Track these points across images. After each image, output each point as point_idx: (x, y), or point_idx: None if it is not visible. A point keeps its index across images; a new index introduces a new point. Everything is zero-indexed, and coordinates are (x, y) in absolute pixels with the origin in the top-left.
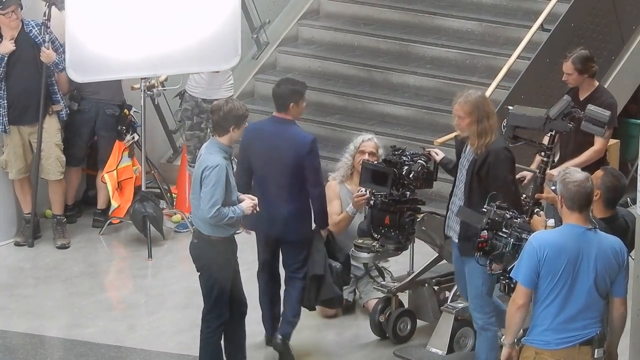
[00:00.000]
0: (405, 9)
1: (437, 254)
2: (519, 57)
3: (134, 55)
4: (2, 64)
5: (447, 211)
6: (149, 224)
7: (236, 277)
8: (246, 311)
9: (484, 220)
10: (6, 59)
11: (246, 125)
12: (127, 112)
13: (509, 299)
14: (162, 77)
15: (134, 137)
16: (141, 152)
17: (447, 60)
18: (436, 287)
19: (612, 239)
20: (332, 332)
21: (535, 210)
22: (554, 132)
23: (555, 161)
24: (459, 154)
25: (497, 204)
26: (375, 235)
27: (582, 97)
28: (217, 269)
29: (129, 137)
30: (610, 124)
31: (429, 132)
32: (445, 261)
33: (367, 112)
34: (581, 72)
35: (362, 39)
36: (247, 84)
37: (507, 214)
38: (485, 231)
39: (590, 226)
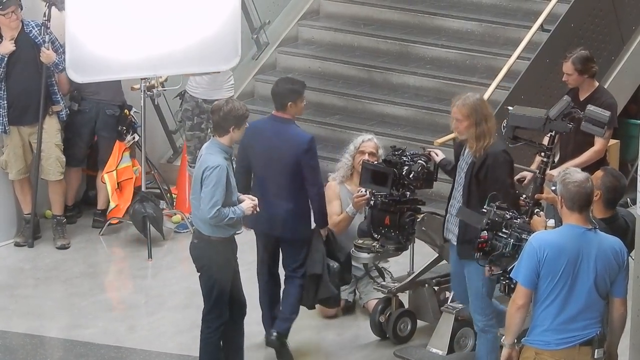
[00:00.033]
0: (405, 10)
1: (437, 255)
2: (519, 58)
3: (134, 55)
4: (2, 64)
5: (445, 214)
6: (149, 224)
7: (236, 277)
8: (245, 312)
9: (484, 220)
10: (6, 59)
11: (247, 125)
12: (127, 112)
13: (509, 300)
14: (162, 78)
15: (135, 137)
16: (141, 153)
17: (447, 60)
18: (436, 287)
19: (612, 240)
20: (332, 333)
21: (535, 210)
22: (553, 133)
23: (555, 161)
24: (457, 157)
25: (497, 204)
26: (375, 235)
27: (582, 98)
28: (217, 270)
29: (129, 138)
30: (610, 125)
31: (429, 133)
32: (445, 261)
33: (367, 113)
34: (581, 73)
35: (362, 39)
36: (247, 84)
37: (507, 214)
38: (485, 232)
39: (590, 226)
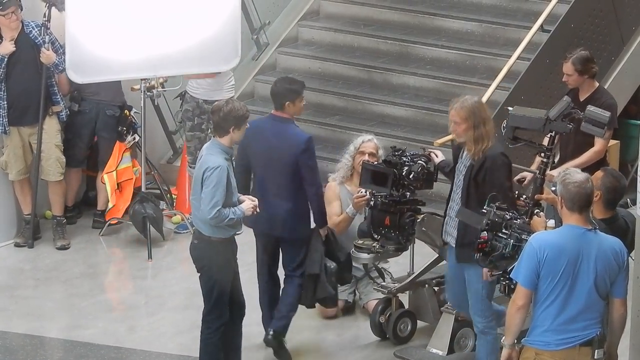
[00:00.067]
0: (405, 10)
1: (437, 255)
2: (519, 58)
3: (134, 56)
4: (2, 65)
5: (444, 216)
6: (149, 225)
7: (235, 278)
8: (244, 312)
9: (484, 221)
10: (6, 59)
11: (247, 126)
12: (127, 112)
13: (508, 300)
14: (162, 78)
15: (135, 138)
16: (141, 153)
17: (447, 61)
18: (436, 287)
19: (612, 240)
20: (332, 333)
21: (535, 211)
22: (553, 133)
23: (555, 162)
24: (455, 159)
25: (497, 204)
26: (375, 236)
27: (582, 98)
28: (217, 270)
29: (129, 138)
30: (610, 125)
31: (429, 133)
32: (445, 262)
33: (367, 113)
34: (581, 73)
35: (362, 39)
36: (247, 84)
37: (507, 214)
38: (485, 232)
39: (590, 227)
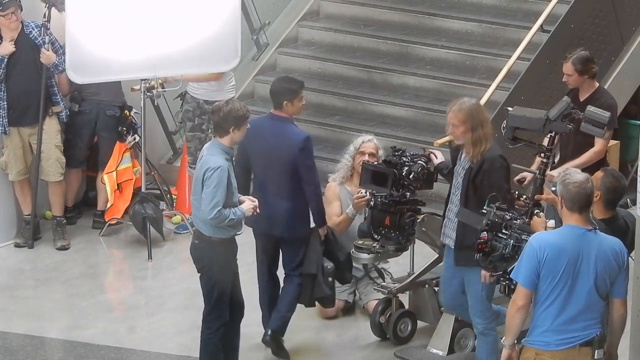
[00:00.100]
0: (405, 10)
1: (437, 255)
2: (518, 58)
3: (133, 56)
4: (2, 65)
5: (443, 218)
6: (149, 225)
7: (235, 278)
8: (243, 313)
9: (484, 221)
10: (6, 60)
11: (248, 126)
12: (127, 113)
13: (508, 301)
14: (162, 79)
15: (135, 138)
16: (141, 154)
17: (447, 61)
18: (436, 288)
19: (612, 240)
20: (332, 334)
21: (535, 211)
22: (553, 133)
23: (555, 162)
24: (454, 161)
25: (497, 205)
26: (375, 236)
27: (582, 98)
28: (217, 270)
29: (130, 138)
30: (610, 125)
31: (429, 133)
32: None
33: (367, 113)
34: (581, 73)
35: (362, 40)
36: (247, 85)
37: (507, 215)
38: (485, 232)
39: (590, 227)
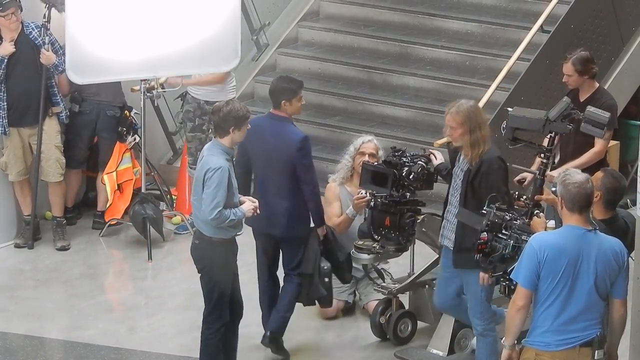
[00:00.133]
0: (405, 11)
1: (437, 255)
2: (518, 59)
3: (133, 56)
4: (2, 65)
5: (442, 220)
6: (148, 225)
7: (234, 279)
8: (242, 313)
9: (484, 222)
10: (6, 60)
11: (248, 127)
12: (127, 113)
13: (508, 301)
14: (162, 79)
15: (135, 138)
16: (141, 154)
17: (447, 61)
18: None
19: (612, 241)
20: (332, 334)
21: (535, 211)
22: (553, 134)
23: (555, 163)
24: (453, 162)
25: (497, 205)
26: (375, 236)
27: (582, 99)
28: (218, 271)
29: (130, 139)
30: (610, 125)
31: (429, 134)
32: None
33: (367, 114)
34: (581, 74)
35: (362, 40)
36: (247, 85)
37: (507, 215)
38: (485, 233)
39: (590, 227)
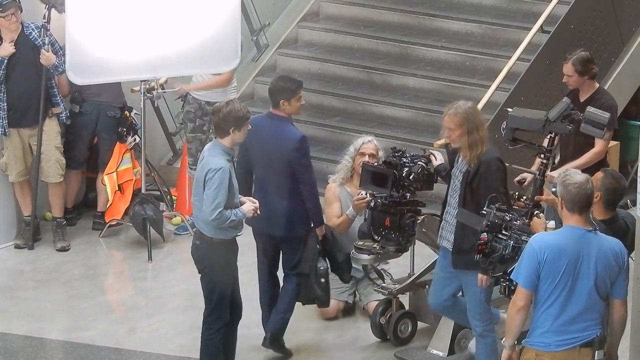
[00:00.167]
0: (405, 11)
1: (437, 256)
2: (518, 59)
3: (133, 57)
4: (2, 66)
5: (440, 220)
6: (149, 226)
7: (234, 280)
8: (241, 314)
9: (484, 222)
10: (6, 61)
11: (248, 127)
12: (127, 114)
13: (508, 302)
14: (162, 80)
15: (135, 139)
16: (141, 155)
17: (447, 62)
18: None
19: (612, 241)
20: (332, 334)
21: (535, 212)
22: (553, 134)
23: (555, 163)
24: (451, 163)
25: (497, 206)
26: (375, 237)
27: (582, 99)
28: (218, 271)
29: (130, 139)
30: (610, 126)
31: (429, 134)
32: None
33: (367, 114)
34: (581, 74)
35: (362, 41)
36: (247, 86)
37: (507, 216)
38: (485, 233)
39: (590, 228)
